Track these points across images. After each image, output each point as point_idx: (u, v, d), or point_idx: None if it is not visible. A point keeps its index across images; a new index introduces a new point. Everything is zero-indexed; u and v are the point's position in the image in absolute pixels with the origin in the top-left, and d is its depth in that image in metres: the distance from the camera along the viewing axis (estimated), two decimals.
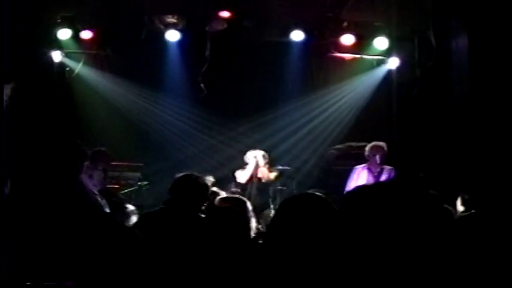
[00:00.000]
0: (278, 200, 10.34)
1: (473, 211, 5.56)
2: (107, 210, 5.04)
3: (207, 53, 12.14)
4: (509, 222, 5.26)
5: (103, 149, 10.42)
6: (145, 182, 11.29)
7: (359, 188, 5.26)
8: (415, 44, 12.23)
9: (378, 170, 9.70)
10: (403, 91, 12.48)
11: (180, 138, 12.85)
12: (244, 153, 10.88)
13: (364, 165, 9.89)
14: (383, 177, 9.53)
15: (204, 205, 6.02)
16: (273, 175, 10.83)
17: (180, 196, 5.82)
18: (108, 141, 11.43)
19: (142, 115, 12.87)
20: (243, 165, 10.79)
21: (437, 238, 4.97)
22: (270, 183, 10.79)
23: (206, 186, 6.11)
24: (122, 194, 10.45)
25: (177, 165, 11.91)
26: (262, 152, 10.77)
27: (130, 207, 7.63)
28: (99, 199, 5.05)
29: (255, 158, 10.63)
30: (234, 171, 10.81)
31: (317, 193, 4.32)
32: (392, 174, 9.48)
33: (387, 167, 9.62)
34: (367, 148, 9.90)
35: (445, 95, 11.25)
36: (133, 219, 7.41)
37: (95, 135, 11.52)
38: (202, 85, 12.34)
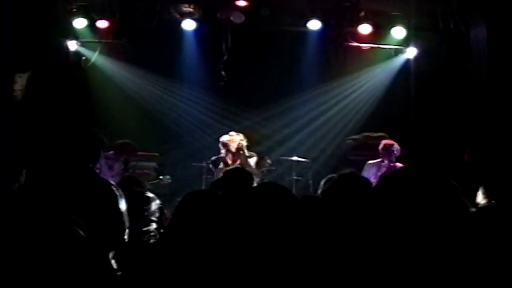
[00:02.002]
0: (294, 191, 10.21)
1: (493, 202, 5.49)
2: (122, 200, 4.98)
3: (229, 43, 12.09)
4: None
5: (128, 141, 10.37)
6: (168, 177, 11.22)
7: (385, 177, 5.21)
8: (433, 34, 12.11)
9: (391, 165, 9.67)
10: (421, 81, 12.37)
11: (196, 127, 12.85)
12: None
13: (377, 160, 9.86)
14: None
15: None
16: (252, 161, 10.32)
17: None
18: (123, 130, 11.44)
19: (158, 104, 12.85)
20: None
21: (452, 230, 4.92)
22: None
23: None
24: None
25: (193, 155, 11.92)
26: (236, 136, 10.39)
27: (151, 195, 7.62)
28: (114, 189, 4.99)
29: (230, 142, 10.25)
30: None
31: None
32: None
33: (399, 165, 9.60)
34: (380, 146, 9.88)
35: (464, 85, 11.17)
36: (153, 206, 7.41)
37: (110, 124, 11.42)
38: (223, 73, 12.30)
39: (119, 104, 12.44)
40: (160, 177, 11.20)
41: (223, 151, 10.28)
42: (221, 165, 10.15)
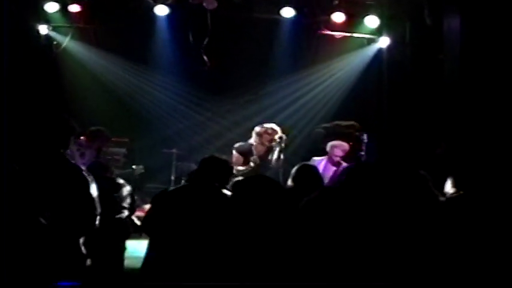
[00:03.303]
0: None
1: (461, 192, 5.53)
2: (93, 185, 4.94)
3: (209, 26, 11.96)
4: (496, 204, 5.24)
5: (102, 128, 10.25)
6: (141, 166, 11.14)
7: (351, 168, 5.23)
8: (406, 23, 12.15)
9: (338, 160, 9.72)
10: (393, 70, 12.41)
11: (168, 114, 12.80)
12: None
13: (323, 158, 9.88)
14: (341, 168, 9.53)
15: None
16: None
17: (205, 174, 5.78)
18: (94, 116, 11.36)
19: (129, 90, 12.77)
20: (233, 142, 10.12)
21: (422, 219, 4.96)
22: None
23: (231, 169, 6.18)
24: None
25: (164, 141, 11.87)
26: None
27: (121, 181, 7.57)
28: (85, 175, 4.96)
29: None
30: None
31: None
32: None
33: (344, 163, 9.66)
34: (328, 146, 9.90)
35: (436, 75, 11.21)
36: (124, 192, 7.37)
37: (81, 110, 11.35)
38: (205, 57, 12.21)
39: (90, 90, 12.36)
40: (133, 166, 11.10)
41: (253, 140, 9.77)
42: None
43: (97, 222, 4.95)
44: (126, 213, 7.28)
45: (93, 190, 4.94)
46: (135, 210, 7.63)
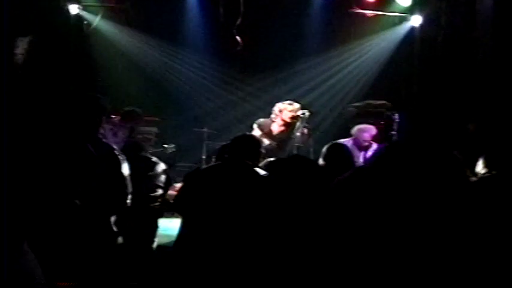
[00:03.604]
0: None
1: (493, 173, 5.46)
2: (125, 165, 4.97)
3: (241, 7, 11.94)
4: None
5: (136, 109, 10.29)
6: (172, 145, 11.14)
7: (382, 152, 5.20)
8: (439, 2, 12.02)
9: (366, 145, 9.59)
10: (425, 49, 12.30)
11: (198, 94, 12.82)
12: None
13: (348, 139, 9.75)
14: (370, 151, 9.44)
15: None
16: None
17: (238, 152, 5.77)
18: (125, 95, 11.40)
19: (160, 69, 12.82)
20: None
21: (453, 201, 4.91)
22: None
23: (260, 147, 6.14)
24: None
25: (195, 121, 11.90)
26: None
27: (156, 159, 7.58)
28: (117, 154, 4.99)
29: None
30: None
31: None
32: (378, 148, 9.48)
33: (375, 144, 9.55)
34: (354, 129, 9.78)
35: (469, 54, 11.11)
36: (159, 170, 7.38)
37: (112, 89, 11.38)
38: (238, 37, 12.20)
39: (120, 69, 12.41)
40: (165, 145, 11.11)
41: (274, 116, 9.57)
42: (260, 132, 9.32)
43: (128, 201, 4.99)
44: (160, 191, 7.30)
45: (125, 169, 4.97)
46: (169, 188, 7.65)
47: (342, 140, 9.76)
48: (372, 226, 4.56)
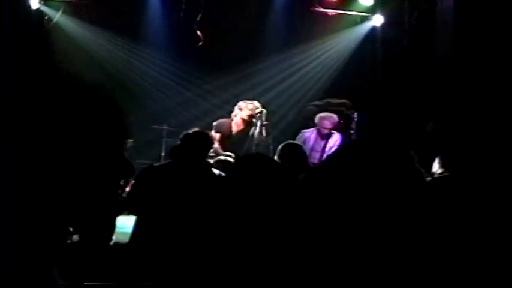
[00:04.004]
0: None
1: (447, 173, 5.51)
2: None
3: (201, 2, 11.89)
4: (485, 185, 5.21)
5: None
6: (131, 141, 11.04)
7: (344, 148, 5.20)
8: (399, 2, 12.10)
9: (326, 132, 9.72)
10: (386, 49, 12.37)
11: (157, 90, 12.72)
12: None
13: (312, 130, 9.87)
14: (331, 140, 9.64)
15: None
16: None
17: (190, 150, 5.74)
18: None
19: (121, 66, 12.66)
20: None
21: (407, 198, 4.93)
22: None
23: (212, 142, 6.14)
24: None
25: (154, 118, 11.82)
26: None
27: None
28: None
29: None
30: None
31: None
32: (340, 137, 9.68)
33: (335, 132, 9.64)
34: (316, 117, 9.91)
35: (429, 54, 11.19)
36: None
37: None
38: (199, 33, 12.14)
39: (81, 65, 12.27)
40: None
41: (234, 114, 9.70)
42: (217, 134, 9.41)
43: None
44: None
45: None
46: (127, 185, 7.60)
47: (306, 130, 9.84)
48: (328, 226, 4.55)
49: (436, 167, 6.47)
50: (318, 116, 9.96)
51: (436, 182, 5.55)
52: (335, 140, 9.70)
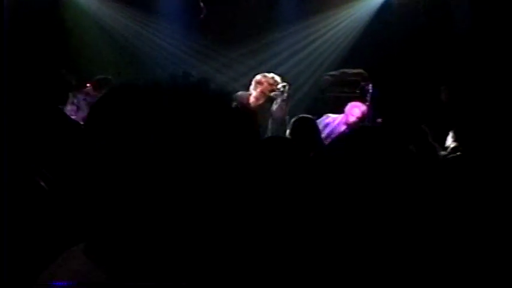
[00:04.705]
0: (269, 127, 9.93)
1: (460, 150, 5.47)
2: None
3: None
4: (497, 164, 5.17)
5: (108, 76, 10.18)
6: None
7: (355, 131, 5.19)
8: None
9: (353, 120, 9.42)
10: (403, 18, 12.25)
11: (171, 63, 12.70)
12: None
13: (337, 116, 9.64)
14: None
15: None
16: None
17: None
18: (98, 65, 11.31)
19: (133, 38, 12.72)
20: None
21: (419, 175, 4.91)
22: None
23: None
24: None
25: None
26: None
27: None
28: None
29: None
30: None
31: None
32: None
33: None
34: (348, 105, 9.66)
35: (447, 23, 11.11)
36: None
37: (85, 58, 11.48)
38: (202, 4, 12.10)
39: (93, 38, 12.29)
40: None
41: (252, 89, 9.29)
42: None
43: None
44: None
45: None
46: None
47: (331, 115, 9.65)
48: (336, 208, 4.55)
49: (449, 141, 6.45)
50: (350, 104, 9.66)
51: (447, 163, 5.53)
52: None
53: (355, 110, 9.33)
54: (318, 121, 9.37)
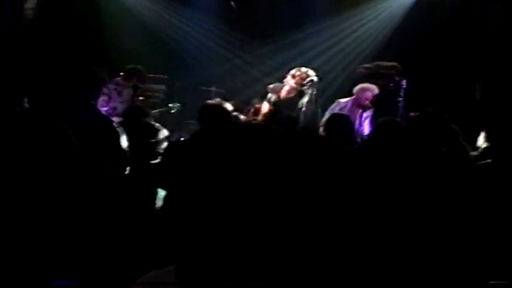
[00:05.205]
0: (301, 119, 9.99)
1: (488, 161, 5.44)
2: (124, 137, 5.01)
3: None
4: None
5: (138, 66, 10.29)
6: (178, 104, 11.12)
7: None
8: None
9: (367, 104, 9.52)
10: (438, 14, 12.20)
11: (205, 56, 12.78)
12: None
13: (348, 99, 9.75)
14: (365, 114, 9.45)
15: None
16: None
17: (207, 126, 5.78)
18: (133, 55, 11.40)
19: (168, 30, 12.81)
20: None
21: (450, 176, 4.94)
22: None
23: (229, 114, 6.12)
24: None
25: (202, 83, 11.88)
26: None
27: (158, 125, 7.56)
28: (115, 126, 5.03)
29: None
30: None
31: None
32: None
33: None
34: (357, 88, 9.76)
35: (481, 19, 11.06)
36: (161, 136, 7.37)
37: (119, 48, 11.61)
38: (232, 3, 12.17)
39: (128, 29, 12.37)
40: (170, 104, 11.10)
41: (286, 81, 9.41)
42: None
43: (127, 172, 5.04)
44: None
45: (124, 141, 5.01)
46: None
47: (341, 100, 9.75)
48: (372, 200, 4.60)
49: (481, 141, 6.45)
50: (360, 86, 9.81)
51: (479, 158, 5.55)
52: (370, 110, 9.51)
53: (367, 93, 9.57)
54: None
